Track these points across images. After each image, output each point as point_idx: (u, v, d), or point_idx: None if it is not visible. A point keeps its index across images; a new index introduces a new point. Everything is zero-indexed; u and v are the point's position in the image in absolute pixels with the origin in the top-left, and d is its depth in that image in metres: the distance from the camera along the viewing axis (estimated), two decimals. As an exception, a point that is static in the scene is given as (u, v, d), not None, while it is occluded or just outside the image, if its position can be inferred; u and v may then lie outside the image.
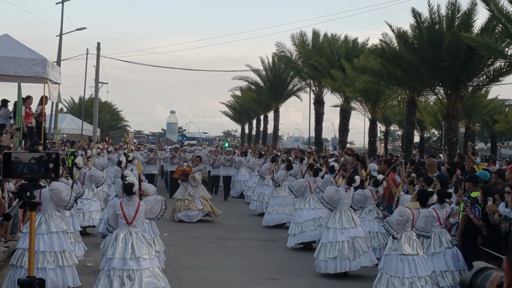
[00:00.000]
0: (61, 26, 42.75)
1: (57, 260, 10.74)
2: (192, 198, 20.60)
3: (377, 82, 30.31)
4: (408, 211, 10.60)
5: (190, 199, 20.61)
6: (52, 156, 5.83)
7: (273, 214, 19.95)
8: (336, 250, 13.07)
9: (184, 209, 20.51)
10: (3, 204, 13.62)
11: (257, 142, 58.74)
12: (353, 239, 13.13)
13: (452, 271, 11.16)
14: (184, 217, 20.46)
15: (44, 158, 5.81)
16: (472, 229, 12.41)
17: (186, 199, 20.65)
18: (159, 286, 9.47)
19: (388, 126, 63.24)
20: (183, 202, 20.63)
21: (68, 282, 10.73)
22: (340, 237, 13.14)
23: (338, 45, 41.41)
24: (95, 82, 51.42)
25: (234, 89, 61.74)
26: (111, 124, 77.73)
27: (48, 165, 5.78)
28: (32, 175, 5.79)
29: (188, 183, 20.91)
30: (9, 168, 5.76)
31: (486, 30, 25.68)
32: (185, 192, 20.84)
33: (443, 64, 26.17)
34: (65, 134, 49.12)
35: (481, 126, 58.73)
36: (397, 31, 28.30)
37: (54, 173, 5.84)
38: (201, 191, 21.20)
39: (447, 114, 28.03)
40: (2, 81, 23.90)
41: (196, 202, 20.52)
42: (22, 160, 5.78)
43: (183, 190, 21.01)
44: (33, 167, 5.78)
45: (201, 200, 20.64)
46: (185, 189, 20.91)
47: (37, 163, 5.78)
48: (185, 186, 21.00)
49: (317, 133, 44.95)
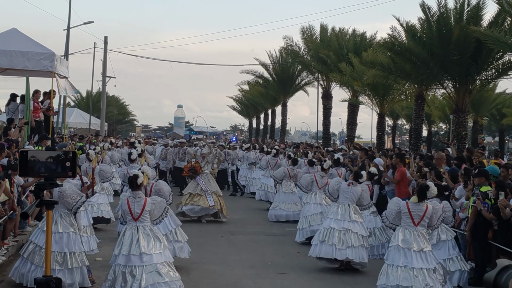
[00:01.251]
0: (68, 20, 42.88)
1: (66, 261, 10.71)
2: (204, 194, 19.29)
3: (385, 76, 30.27)
4: (402, 202, 10.66)
5: (202, 194, 19.28)
6: (70, 155, 5.80)
7: (277, 210, 20.08)
8: (325, 235, 13.14)
9: (191, 203, 19.24)
10: (12, 198, 13.62)
11: (265, 137, 58.70)
12: (345, 230, 13.14)
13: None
14: (189, 211, 19.28)
15: (61, 157, 5.78)
16: (482, 224, 12.35)
17: (198, 194, 19.31)
18: (160, 281, 9.40)
19: (396, 120, 63.17)
20: (192, 197, 19.34)
21: (76, 284, 10.71)
22: (333, 224, 13.20)
23: (346, 39, 41.37)
24: (102, 76, 51.39)
25: (241, 83, 61.77)
26: (119, 118, 77.86)
27: (65, 163, 5.76)
28: (49, 174, 5.77)
29: (200, 178, 19.56)
30: (26, 167, 5.74)
31: (495, 23, 25.60)
32: (197, 187, 19.48)
33: (452, 58, 26.09)
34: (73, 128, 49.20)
35: (489, 120, 58.56)
36: (406, 24, 28.21)
37: (71, 171, 5.81)
38: (214, 186, 19.78)
39: (455, 108, 27.96)
40: (11, 75, 23.93)
41: (208, 198, 19.26)
42: (39, 159, 5.75)
43: (194, 184, 19.64)
44: (50, 166, 5.75)
45: (213, 197, 19.36)
46: (197, 183, 19.54)
47: (54, 162, 5.75)
48: (197, 180, 19.61)
49: (325, 127, 44.91)
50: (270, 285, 11.88)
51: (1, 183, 12.68)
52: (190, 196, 19.40)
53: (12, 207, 13.78)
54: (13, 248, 13.84)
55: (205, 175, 19.68)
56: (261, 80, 55.46)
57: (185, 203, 19.28)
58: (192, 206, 19.24)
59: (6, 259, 12.98)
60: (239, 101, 71.21)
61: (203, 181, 19.57)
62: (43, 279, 5.76)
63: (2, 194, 12.99)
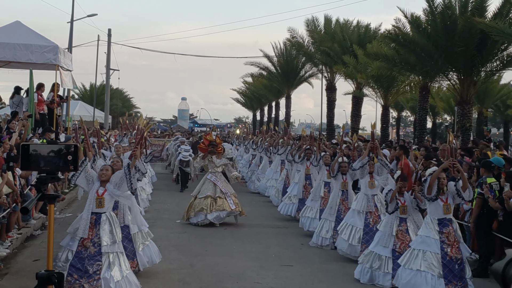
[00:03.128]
0: (72, 12, 42.73)
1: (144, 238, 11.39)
2: (225, 196, 17.04)
3: (389, 68, 30.18)
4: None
5: (222, 197, 17.01)
6: (71, 149, 5.78)
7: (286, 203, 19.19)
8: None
9: (217, 209, 16.88)
10: (15, 191, 13.65)
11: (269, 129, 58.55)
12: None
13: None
14: (215, 220, 16.90)
15: (62, 151, 5.76)
16: (487, 215, 12.35)
17: (220, 197, 16.97)
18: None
19: (400, 112, 63.06)
20: (215, 202, 16.94)
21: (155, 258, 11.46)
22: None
23: (350, 31, 41.24)
24: (106, 68, 51.41)
25: (245, 76, 61.73)
26: (123, 111, 77.83)
27: (67, 157, 5.73)
28: (51, 168, 5.75)
29: (217, 179, 17.28)
30: (27, 160, 5.72)
31: (499, 15, 25.46)
32: (215, 189, 17.10)
33: (457, 49, 25.98)
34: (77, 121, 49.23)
35: (493, 112, 58.43)
36: (410, 16, 28.09)
37: (73, 165, 5.79)
38: (230, 187, 17.63)
39: (460, 100, 27.88)
40: (14, 68, 23.96)
41: (229, 201, 17.04)
42: (41, 153, 5.72)
43: (211, 185, 17.17)
44: (52, 160, 5.73)
45: (233, 199, 17.22)
46: (214, 184, 17.14)
47: (55, 156, 5.73)
48: (213, 181, 17.17)
49: (329, 119, 44.82)
50: (273, 277, 11.88)
51: (3, 176, 12.69)
52: (211, 201, 16.96)
53: (15, 200, 13.82)
54: (17, 241, 13.87)
55: (219, 175, 17.49)
56: (265, 72, 55.34)
57: (210, 210, 16.88)
58: (218, 213, 16.95)
59: (11, 252, 13.01)
60: (243, 93, 71.13)
61: (220, 181, 17.37)
62: (45, 274, 5.73)
63: (5, 186, 13.01)
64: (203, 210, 16.70)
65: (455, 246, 10.19)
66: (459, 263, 10.18)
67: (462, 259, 10.24)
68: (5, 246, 13.01)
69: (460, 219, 13.43)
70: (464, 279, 10.19)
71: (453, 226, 10.37)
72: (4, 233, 13.41)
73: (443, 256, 10.13)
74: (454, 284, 10.07)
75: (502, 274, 2.82)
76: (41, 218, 16.28)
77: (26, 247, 13.86)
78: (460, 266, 10.18)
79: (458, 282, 10.11)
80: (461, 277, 10.16)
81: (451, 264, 10.13)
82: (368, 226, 13.40)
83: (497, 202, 11.87)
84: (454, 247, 10.18)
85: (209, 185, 17.10)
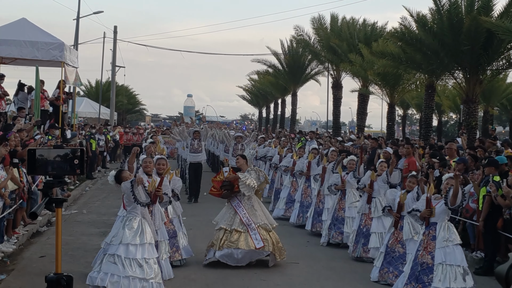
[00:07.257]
0: (78, 9, 42.82)
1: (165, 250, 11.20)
2: (246, 229, 12.19)
3: (395, 66, 30.21)
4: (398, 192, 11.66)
5: (242, 231, 12.18)
6: (77, 153, 5.80)
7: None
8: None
9: (228, 246, 12.08)
10: (21, 187, 13.68)
11: (275, 127, 58.63)
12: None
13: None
14: (226, 259, 12.13)
15: (69, 155, 5.78)
16: (492, 214, 12.34)
17: (236, 231, 12.16)
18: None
19: (406, 110, 62.97)
20: (229, 235, 12.16)
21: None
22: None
23: (356, 29, 41.19)
24: (112, 65, 51.43)
25: (251, 73, 61.69)
26: (128, 108, 77.94)
27: (73, 161, 5.76)
28: (58, 172, 5.78)
29: (240, 204, 12.40)
30: (34, 165, 5.74)
31: (505, 14, 25.43)
32: (234, 219, 12.33)
33: (463, 48, 25.94)
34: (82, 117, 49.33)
35: (499, 110, 58.29)
36: (416, 15, 28.06)
37: (79, 169, 5.82)
38: (261, 216, 12.50)
39: (466, 99, 27.84)
40: (20, 65, 24.05)
41: (252, 235, 12.13)
42: (47, 158, 5.75)
43: (231, 215, 12.40)
44: (58, 165, 5.76)
45: (260, 233, 12.24)
46: (235, 211, 12.39)
47: (62, 160, 5.75)
48: (234, 207, 12.45)
49: (335, 117, 44.78)
50: (280, 274, 11.88)
51: (8, 171, 12.71)
52: (224, 234, 12.26)
53: (22, 196, 13.85)
54: (24, 237, 13.92)
55: (247, 199, 12.49)
56: (271, 70, 55.28)
57: (219, 247, 12.15)
58: (230, 251, 12.10)
59: (17, 248, 13.05)
60: (249, 90, 71.05)
61: (244, 207, 12.48)
62: (54, 277, 5.75)
63: (12, 183, 13.03)
64: (213, 245, 12.30)
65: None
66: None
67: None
68: (11, 243, 13.05)
69: (469, 218, 13.43)
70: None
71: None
72: (10, 229, 13.46)
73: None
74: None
75: (505, 277, 2.83)
76: (47, 214, 16.33)
77: (32, 244, 13.90)
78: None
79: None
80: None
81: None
82: (359, 227, 13.38)
83: (506, 200, 11.86)
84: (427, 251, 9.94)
85: (227, 212, 12.58)
